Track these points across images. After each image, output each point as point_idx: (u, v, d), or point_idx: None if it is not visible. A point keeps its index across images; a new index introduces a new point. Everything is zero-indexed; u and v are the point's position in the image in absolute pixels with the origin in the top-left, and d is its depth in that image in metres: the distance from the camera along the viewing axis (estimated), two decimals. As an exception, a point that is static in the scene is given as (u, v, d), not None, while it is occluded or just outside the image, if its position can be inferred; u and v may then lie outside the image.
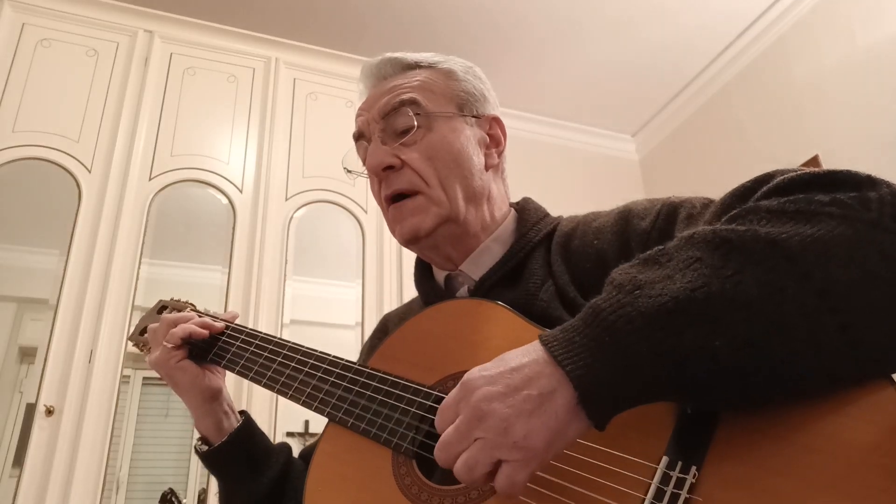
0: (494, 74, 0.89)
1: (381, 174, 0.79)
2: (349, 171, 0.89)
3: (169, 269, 2.36)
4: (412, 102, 0.79)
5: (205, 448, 0.84)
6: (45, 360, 1.90)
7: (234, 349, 0.84)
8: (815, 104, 2.78)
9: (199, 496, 2.09)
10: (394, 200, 0.79)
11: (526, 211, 0.84)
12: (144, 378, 2.37)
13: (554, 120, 3.57)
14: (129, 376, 2.24)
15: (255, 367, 0.81)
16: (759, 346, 0.45)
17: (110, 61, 2.37)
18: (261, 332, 0.85)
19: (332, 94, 2.67)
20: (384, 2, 2.81)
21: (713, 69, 3.29)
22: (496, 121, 0.85)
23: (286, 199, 2.40)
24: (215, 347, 0.85)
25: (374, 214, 2.50)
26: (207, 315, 0.90)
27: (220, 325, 0.86)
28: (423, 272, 0.88)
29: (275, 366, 0.80)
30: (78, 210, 2.11)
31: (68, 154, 2.17)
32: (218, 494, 0.87)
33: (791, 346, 0.45)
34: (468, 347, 0.68)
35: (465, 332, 0.69)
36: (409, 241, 0.80)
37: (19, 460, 1.82)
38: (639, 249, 0.66)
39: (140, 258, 2.12)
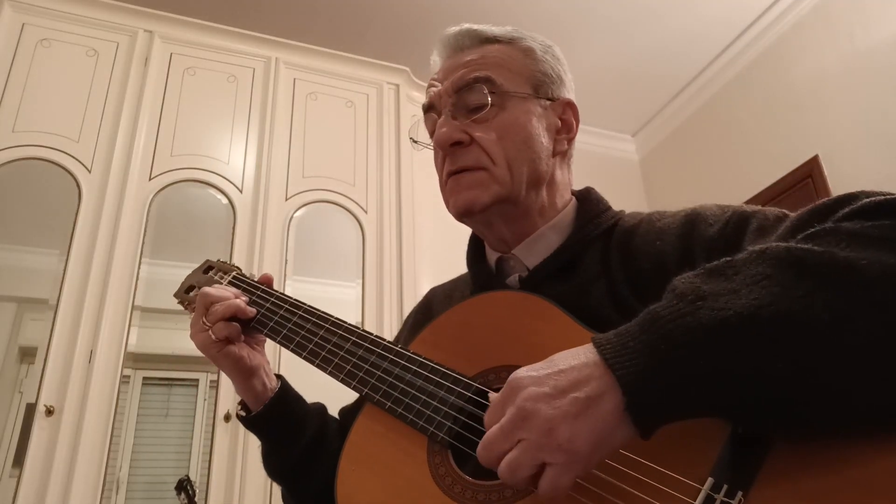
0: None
1: (449, 149, 0.77)
2: (415, 142, 0.86)
3: (169, 269, 2.35)
4: (487, 80, 0.76)
5: (242, 414, 0.84)
6: (45, 360, 1.90)
7: (277, 318, 0.83)
8: (814, 104, 2.78)
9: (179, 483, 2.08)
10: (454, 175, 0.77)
11: (588, 202, 0.82)
12: (144, 378, 2.37)
13: (554, 120, 3.57)
14: (129, 376, 2.24)
15: (297, 339, 0.80)
16: (821, 375, 0.43)
17: (110, 61, 2.37)
18: (304, 304, 0.84)
19: (332, 94, 2.67)
20: (384, 2, 2.81)
21: (713, 69, 3.29)
22: (570, 106, 0.83)
23: (286, 199, 2.40)
24: (258, 314, 0.84)
25: (373, 214, 2.50)
26: (250, 282, 0.89)
27: (252, 312, 0.84)
28: (475, 251, 0.86)
29: (316, 339, 0.79)
30: (78, 210, 2.11)
31: (68, 154, 2.17)
32: (260, 451, 0.87)
33: (854, 378, 0.43)
34: (512, 342, 0.67)
35: (510, 326, 0.68)
36: (462, 214, 0.77)
37: (19, 460, 1.82)
38: (702, 256, 0.64)
39: (140, 258, 2.12)
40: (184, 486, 1.98)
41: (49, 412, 1.84)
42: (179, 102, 2.41)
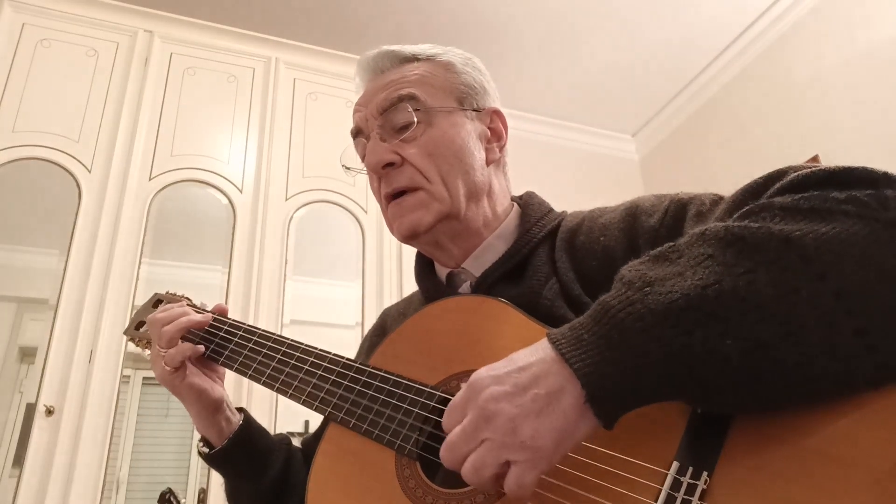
0: (494, 74, 0.88)
1: (381, 172, 0.77)
2: (348, 169, 0.88)
3: (169, 269, 2.36)
4: (411, 98, 0.77)
5: (206, 450, 0.84)
6: (45, 360, 1.90)
7: (231, 346, 0.82)
8: (815, 104, 2.78)
9: (199, 496, 2.09)
10: (394, 198, 0.78)
11: (529, 206, 0.83)
12: (144, 378, 2.37)
13: (554, 120, 3.57)
14: (129, 376, 2.24)
15: (254, 365, 0.79)
16: (772, 348, 0.44)
17: (110, 61, 2.37)
18: (258, 329, 0.83)
19: (332, 94, 2.67)
20: (384, 2, 2.81)
21: (713, 69, 3.29)
22: (497, 114, 0.83)
23: (286, 199, 2.40)
24: (213, 344, 0.83)
25: (374, 214, 2.50)
26: (200, 311, 0.89)
27: (205, 318, 0.84)
28: (423, 267, 0.86)
29: (273, 363, 0.78)
30: (78, 210, 2.11)
31: (68, 154, 2.17)
32: (224, 488, 0.87)
33: (805, 348, 0.44)
34: (471, 346, 0.66)
35: (468, 330, 0.68)
36: (407, 238, 0.78)
37: (19, 460, 1.82)
38: (647, 247, 0.65)
39: (140, 258, 2.12)
40: (167, 498, 1.97)
41: (49, 412, 1.84)
42: (179, 102, 2.41)
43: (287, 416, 2.07)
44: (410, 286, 2.42)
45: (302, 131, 2.54)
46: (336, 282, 2.57)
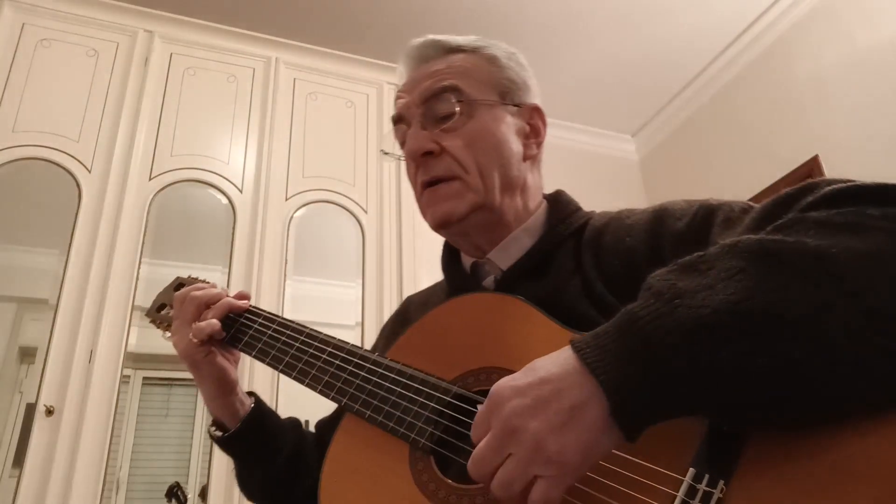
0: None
1: (420, 159, 0.78)
2: (385, 154, 0.88)
3: (169, 269, 2.35)
4: (454, 89, 0.77)
5: (219, 434, 0.84)
6: (45, 360, 1.90)
7: (251, 332, 0.82)
8: (815, 104, 2.78)
9: (200, 492, 2.09)
10: (429, 185, 0.78)
11: (558, 203, 0.83)
12: (144, 378, 2.37)
13: (554, 120, 3.53)
14: (129, 376, 2.24)
15: (273, 352, 0.79)
16: (802, 366, 0.43)
17: (110, 61, 2.36)
18: (277, 317, 0.83)
19: (332, 94, 2.67)
20: (384, 2, 2.81)
21: (713, 69, 3.29)
22: (537, 111, 0.84)
23: (286, 199, 2.40)
24: (233, 330, 0.83)
25: (374, 214, 2.50)
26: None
27: (244, 304, 0.85)
28: (450, 256, 0.87)
29: (292, 351, 0.78)
30: (78, 210, 2.11)
31: (68, 154, 2.17)
32: (235, 472, 0.87)
33: (835, 368, 0.43)
34: (489, 343, 0.67)
35: (487, 328, 0.68)
36: (439, 226, 0.79)
37: (19, 460, 1.82)
38: (671, 250, 0.64)
39: (140, 258, 2.12)
40: (174, 492, 1.98)
41: (49, 412, 1.84)
42: (179, 102, 2.41)
43: (288, 407, 2.07)
44: (410, 286, 2.42)
45: (302, 131, 2.54)
46: (336, 282, 2.57)
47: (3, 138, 2.10)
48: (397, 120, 0.83)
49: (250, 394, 0.87)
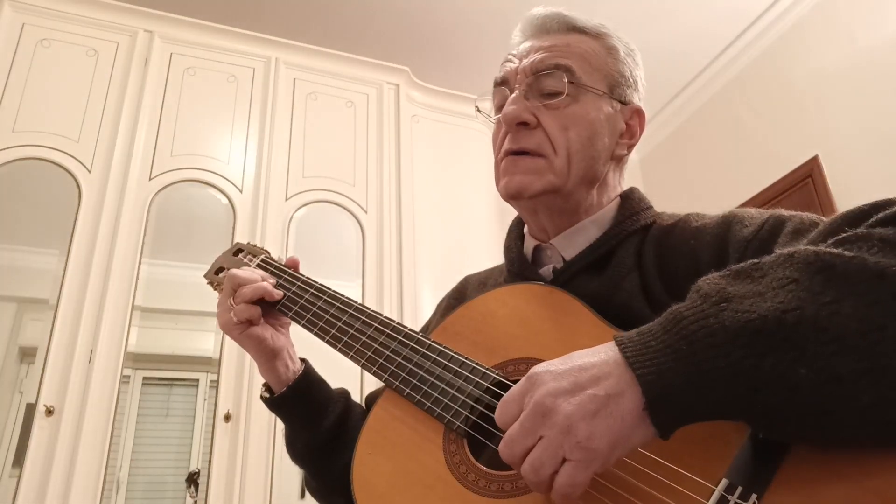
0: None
1: (514, 128, 0.77)
2: (479, 112, 0.86)
3: (169, 269, 2.36)
4: (568, 69, 0.76)
5: (266, 395, 0.85)
6: (45, 360, 1.90)
7: (302, 301, 0.84)
8: (815, 104, 2.78)
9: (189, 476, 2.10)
10: (514, 155, 0.77)
11: (630, 200, 0.82)
12: (144, 378, 2.37)
13: (554, 120, 3.57)
14: (129, 376, 2.24)
15: (320, 323, 0.81)
16: (847, 383, 0.42)
17: (110, 61, 2.37)
18: (329, 289, 0.85)
19: (332, 94, 2.67)
20: (384, 2, 2.81)
21: (713, 70, 3.29)
22: (638, 113, 0.83)
23: (286, 199, 2.41)
24: (284, 298, 0.85)
25: (374, 214, 2.50)
26: (277, 265, 0.91)
27: (278, 294, 0.85)
28: (515, 239, 0.86)
29: (339, 324, 0.79)
30: (78, 210, 2.11)
31: (68, 154, 2.17)
32: (283, 435, 0.88)
33: (883, 389, 0.42)
34: (533, 335, 0.67)
35: (532, 319, 0.68)
36: (511, 196, 0.78)
37: (19, 460, 1.82)
38: (735, 256, 0.64)
39: (140, 258, 2.12)
40: (195, 479, 1.99)
41: (49, 412, 1.84)
42: (179, 102, 2.41)
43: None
44: (410, 286, 2.42)
45: (302, 131, 2.55)
46: (336, 282, 2.55)
47: (3, 138, 2.10)
48: (500, 82, 0.81)
49: (303, 360, 0.87)
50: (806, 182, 2.75)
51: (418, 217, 2.56)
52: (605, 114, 0.78)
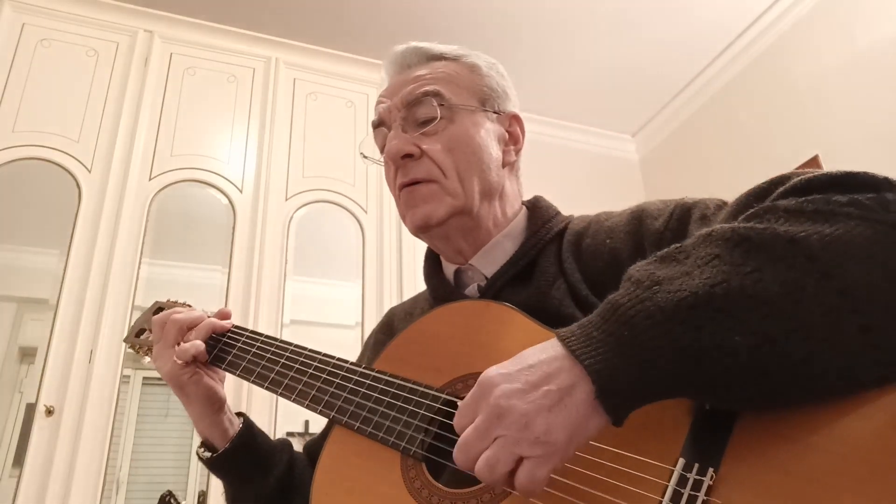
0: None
1: (400, 162, 0.78)
2: (365, 157, 0.89)
3: (169, 269, 2.36)
4: (436, 94, 0.79)
5: (208, 455, 0.83)
6: (45, 360, 1.90)
7: (235, 351, 0.82)
8: (815, 104, 2.78)
9: (199, 497, 2.09)
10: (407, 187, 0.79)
11: (537, 209, 0.84)
12: (144, 378, 2.37)
13: (554, 120, 3.57)
14: (129, 376, 2.24)
15: (258, 370, 0.79)
16: (779, 343, 0.45)
17: (110, 61, 2.37)
18: (262, 335, 0.83)
19: (332, 94, 2.67)
20: (384, 2, 2.81)
21: (713, 69, 3.29)
22: (516, 119, 0.85)
23: (286, 199, 2.41)
24: (216, 350, 0.83)
25: (374, 214, 2.50)
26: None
27: (227, 324, 0.85)
28: (433, 265, 0.87)
29: (277, 368, 0.78)
30: (78, 210, 2.11)
31: (68, 154, 2.17)
32: (224, 494, 0.86)
33: (811, 345, 0.45)
34: (477, 349, 0.67)
35: (473, 334, 0.68)
36: (419, 229, 0.79)
37: (19, 460, 1.82)
38: (652, 249, 0.66)
39: (140, 258, 2.12)
40: (167, 500, 1.97)
41: (49, 412, 1.84)
42: (179, 102, 2.41)
43: (287, 417, 2.08)
44: (410, 286, 2.42)
45: (302, 131, 2.55)
46: (336, 282, 2.57)
47: (3, 138, 2.10)
48: (378, 124, 0.83)
49: (239, 414, 0.87)
50: (806, 182, 2.75)
51: (418, 217, 2.56)
52: (484, 126, 0.80)
